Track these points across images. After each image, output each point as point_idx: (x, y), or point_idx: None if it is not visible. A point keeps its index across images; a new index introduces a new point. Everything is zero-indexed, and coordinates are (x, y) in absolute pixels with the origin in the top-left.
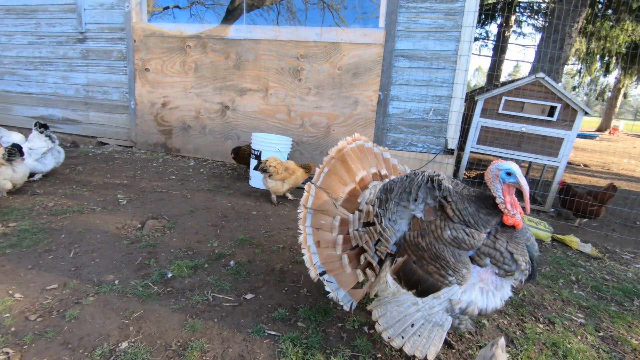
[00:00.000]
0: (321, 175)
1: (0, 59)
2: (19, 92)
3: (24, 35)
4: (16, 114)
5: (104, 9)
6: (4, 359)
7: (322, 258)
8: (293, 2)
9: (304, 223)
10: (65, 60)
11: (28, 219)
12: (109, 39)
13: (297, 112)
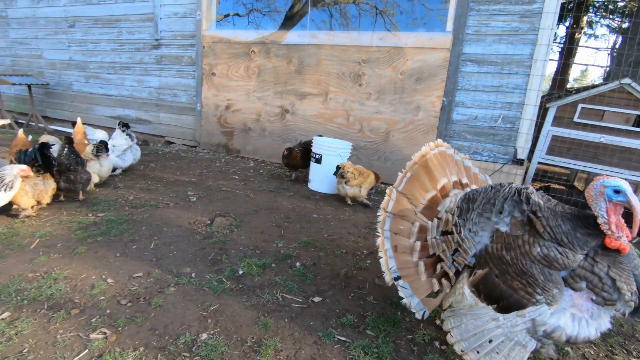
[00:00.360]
0: (403, 180)
1: (87, 64)
2: (100, 94)
3: (108, 42)
4: (97, 113)
5: (178, 17)
6: (102, 338)
7: (398, 263)
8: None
9: (382, 226)
10: (141, 65)
11: (113, 210)
12: (180, 45)
13: (356, 116)
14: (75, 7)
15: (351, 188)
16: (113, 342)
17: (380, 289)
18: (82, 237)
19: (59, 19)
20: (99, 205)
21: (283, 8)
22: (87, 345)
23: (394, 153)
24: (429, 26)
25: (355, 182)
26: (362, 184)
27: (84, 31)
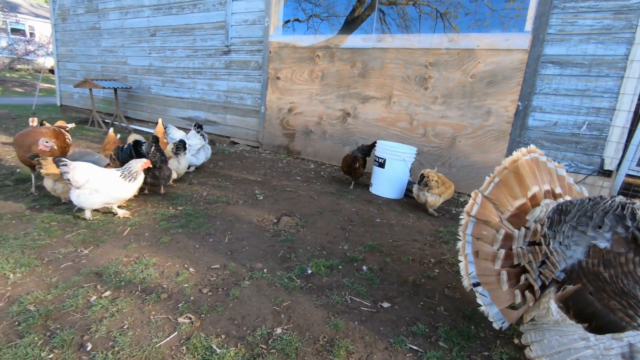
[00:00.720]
0: (490, 185)
1: (165, 69)
2: (174, 97)
3: (183, 49)
4: (171, 114)
5: (247, 24)
6: (188, 322)
7: (479, 269)
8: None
9: (464, 230)
10: (212, 70)
11: (190, 205)
12: (248, 51)
13: (420, 121)
14: (156, 18)
15: (432, 196)
16: (198, 327)
17: (451, 301)
18: (166, 228)
19: (142, 29)
20: (177, 200)
21: (343, 12)
22: (176, 328)
23: (459, 159)
24: (505, 27)
25: (437, 191)
26: (442, 194)
27: (163, 39)
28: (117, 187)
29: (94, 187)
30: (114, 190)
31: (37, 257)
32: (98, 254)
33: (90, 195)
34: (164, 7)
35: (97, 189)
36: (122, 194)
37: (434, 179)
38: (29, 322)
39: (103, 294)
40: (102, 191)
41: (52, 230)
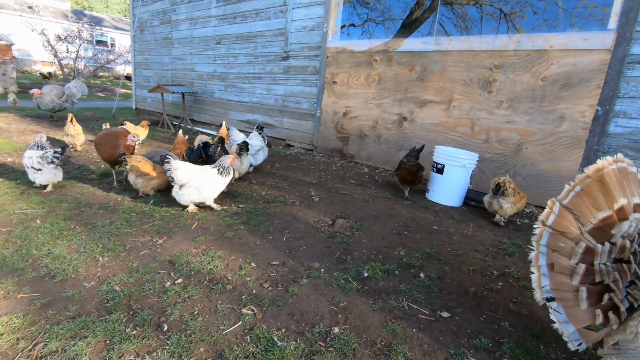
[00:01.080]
0: (570, 194)
1: (227, 75)
2: (235, 101)
3: (245, 56)
4: (232, 117)
5: (306, 31)
6: (251, 314)
7: (553, 283)
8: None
9: (538, 240)
10: (270, 75)
11: (251, 203)
12: (306, 56)
13: (482, 126)
14: (222, 27)
15: (507, 203)
16: (260, 319)
17: (517, 316)
18: (229, 224)
19: (209, 37)
20: (239, 198)
21: (399, 16)
22: (240, 318)
23: (526, 167)
24: (582, 25)
25: (512, 199)
26: (517, 203)
27: (227, 47)
28: (216, 182)
29: (196, 185)
30: (214, 185)
31: (121, 243)
32: (171, 244)
33: (193, 192)
34: (229, 17)
35: (199, 186)
36: (220, 189)
37: (511, 186)
38: (115, 300)
39: (176, 281)
40: (204, 187)
41: (132, 221)
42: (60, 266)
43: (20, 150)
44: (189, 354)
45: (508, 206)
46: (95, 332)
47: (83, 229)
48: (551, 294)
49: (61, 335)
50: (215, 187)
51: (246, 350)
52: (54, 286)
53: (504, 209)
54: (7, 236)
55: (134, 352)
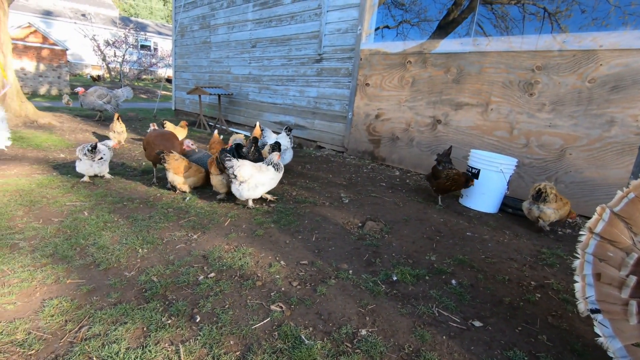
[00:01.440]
0: (623, 201)
1: (262, 77)
2: (268, 103)
3: (279, 58)
4: (264, 119)
5: (340, 33)
6: (279, 311)
7: (599, 294)
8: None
9: (584, 248)
10: (304, 77)
11: (281, 203)
12: (339, 58)
13: (521, 130)
14: (258, 31)
15: (549, 209)
16: (288, 316)
17: (556, 331)
18: (260, 222)
19: (245, 41)
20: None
21: (435, 17)
22: (269, 314)
23: (569, 174)
24: (638, 24)
25: (554, 205)
26: (559, 209)
27: (262, 50)
28: (273, 178)
29: (255, 181)
30: (270, 182)
31: (159, 237)
32: (204, 239)
33: (254, 187)
34: (264, 21)
35: (257, 182)
36: (274, 184)
37: (552, 192)
38: (153, 290)
39: (209, 275)
40: (263, 183)
41: (169, 216)
42: (104, 255)
43: (72, 147)
44: (220, 345)
45: (550, 211)
46: (134, 319)
47: (125, 221)
48: (596, 305)
49: (104, 320)
50: (270, 184)
51: (274, 346)
52: (98, 274)
53: (546, 214)
54: (59, 226)
55: (168, 340)
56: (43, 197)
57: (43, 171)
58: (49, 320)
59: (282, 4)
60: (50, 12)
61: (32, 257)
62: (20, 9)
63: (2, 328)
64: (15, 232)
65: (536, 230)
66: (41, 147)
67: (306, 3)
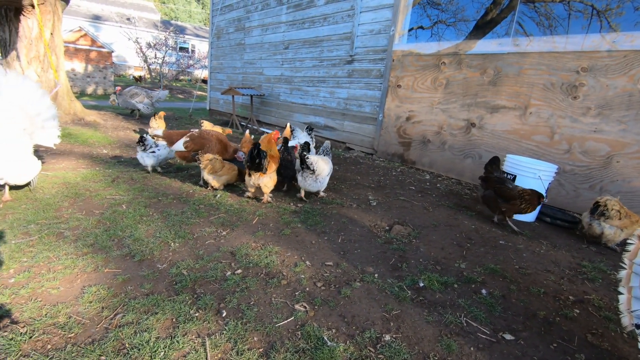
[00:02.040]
0: None
1: (293, 78)
2: (299, 103)
3: (311, 60)
4: (294, 119)
5: (373, 34)
6: (303, 310)
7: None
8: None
9: (632, 258)
10: (334, 78)
11: (308, 203)
12: (371, 59)
13: (563, 134)
14: (291, 32)
15: (610, 228)
16: (311, 317)
17: (597, 350)
18: (287, 222)
19: (277, 42)
20: (295, 197)
21: (473, 16)
22: (293, 313)
23: (616, 183)
24: None
25: (617, 223)
26: (625, 227)
27: (294, 51)
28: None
29: (324, 175)
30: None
31: (190, 232)
32: (233, 236)
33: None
34: (298, 22)
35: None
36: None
37: (615, 208)
38: (183, 283)
39: (236, 271)
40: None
41: (201, 212)
42: (139, 247)
43: (114, 144)
44: (244, 341)
45: (610, 231)
46: (164, 310)
47: (159, 216)
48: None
49: (137, 309)
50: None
51: (296, 345)
52: (133, 265)
53: (605, 233)
54: (100, 217)
55: (195, 333)
56: (86, 190)
57: (87, 165)
58: (87, 306)
59: (316, 6)
60: (99, 16)
61: (75, 246)
62: (72, 14)
63: (47, 311)
64: (61, 221)
65: (589, 243)
66: (86, 143)
67: (339, 4)
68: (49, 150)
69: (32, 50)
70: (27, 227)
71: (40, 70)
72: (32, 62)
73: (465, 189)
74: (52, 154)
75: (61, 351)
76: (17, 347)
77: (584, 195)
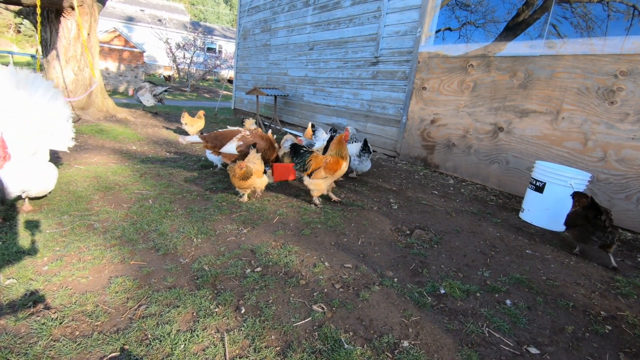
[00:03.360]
0: None
1: (317, 79)
2: (322, 104)
3: (335, 61)
4: (317, 120)
5: (398, 35)
6: (321, 311)
7: None
8: (594, 10)
9: None
10: (358, 80)
11: (328, 204)
12: (396, 61)
13: (598, 141)
14: (316, 34)
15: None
16: (329, 318)
17: None
18: (307, 222)
19: (302, 44)
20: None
21: (503, 18)
22: (310, 314)
23: None
24: None
25: None
26: None
27: (319, 52)
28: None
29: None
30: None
31: (212, 228)
32: (253, 234)
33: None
34: (323, 24)
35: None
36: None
37: None
38: (204, 278)
39: (255, 269)
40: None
41: (223, 209)
42: (163, 242)
43: (142, 140)
44: (261, 338)
45: None
46: (186, 304)
47: (183, 212)
48: None
49: (159, 302)
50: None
51: (313, 346)
52: (157, 258)
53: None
54: (127, 211)
55: (215, 328)
56: (116, 184)
57: (117, 161)
58: (113, 296)
59: (341, 7)
60: (133, 18)
61: (103, 238)
62: (108, 15)
63: (76, 298)
64: (92, 214)
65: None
66: (117, 139)
67: (365, 6)
68: (82, 144)
69: (70, 49)
70: (60, 217)
71: (77, 69)
72: (70, 61)
73: (491, 195)
74: (85, 148)
75: (88, 338)
76: (48, 332)
77: (619, 206)
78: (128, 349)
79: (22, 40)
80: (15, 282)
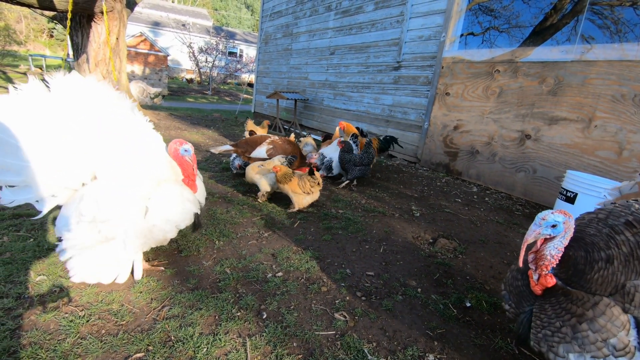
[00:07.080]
0: None
1: (337, 84)
2: (342, 109)
3: (356, 66)
4: (336, 125)
5: (422, 40)
6: (343, 320)
7: None
8: (625, 14)
9: None
10: (380, 85)
11: (349, 210)
12: (419, 66)
13: (634, 151)
14: (337, 38)
15: None
16: (351, 327)
17: None
18: (328, 227)
19: (324, 48)
20: (338, 203)
21: (529, 22)
22: (332, 322)
23: None
24: None
25: None
26: None
27: (340, 57)
28: None
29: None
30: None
31: (234, 231)
32: (274, 238)
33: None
34: (345, 28)
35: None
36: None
37: None
38: (226, 281)
39: (277, 273)
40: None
41: (244, 212)
42: (186, 243)
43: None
44: (283, 345)
45: None
46: (208, 307)
47: (206, 214)
48: None
49: (182, 303)
50: None
51: (336, 355)
52: (181, 260)
53: None
54: None
55: (236, 332)
56: None
57: None
58: (138, 296)
59: (364, 12)
60: (158, 23)
61: None
62: (135, 20)
63: (102, 297)
64: None
65: None
66: None
67: (388, 10)
68: None
69: (99, 53)
70: None
71: (105, 72)
72: (99, 65)
73: (517, 205)
74: None
75: (114, 337)
76: (76, 330)
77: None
78: (152, 349)
79: (54, 44)
80: (45, 278)
